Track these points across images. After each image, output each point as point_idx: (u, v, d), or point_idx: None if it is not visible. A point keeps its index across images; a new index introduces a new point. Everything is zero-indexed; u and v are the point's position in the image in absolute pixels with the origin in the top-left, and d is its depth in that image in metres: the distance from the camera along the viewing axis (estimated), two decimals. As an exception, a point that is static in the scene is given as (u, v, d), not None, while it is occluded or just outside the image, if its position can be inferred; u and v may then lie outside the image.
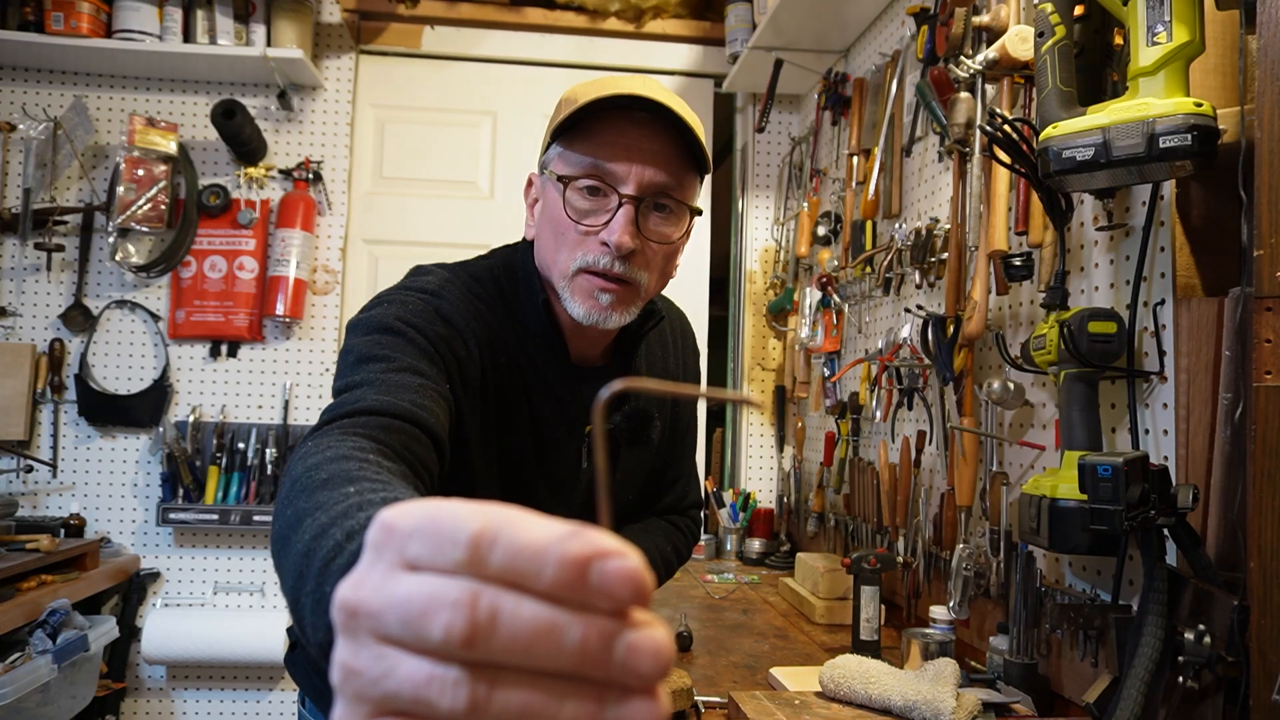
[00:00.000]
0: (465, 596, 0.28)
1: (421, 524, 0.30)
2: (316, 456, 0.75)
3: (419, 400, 0.88)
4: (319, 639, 0.59)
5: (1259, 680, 0.88)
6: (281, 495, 0.75)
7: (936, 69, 1.59)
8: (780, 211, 2.89)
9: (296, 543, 0.65)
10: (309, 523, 0.65)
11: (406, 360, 0.93)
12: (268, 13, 2.60)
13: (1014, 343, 1.50)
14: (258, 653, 2.55)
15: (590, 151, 0.99)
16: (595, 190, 1.00)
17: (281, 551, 0.69)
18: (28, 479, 2.63)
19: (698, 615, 1.94)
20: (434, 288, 1.03)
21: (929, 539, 1.74)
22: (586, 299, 1.02)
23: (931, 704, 1.11)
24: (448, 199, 2.88)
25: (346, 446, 0.77)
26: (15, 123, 2.60)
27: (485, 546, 0.29)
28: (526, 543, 0.29)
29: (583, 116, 0.99)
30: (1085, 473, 1.03)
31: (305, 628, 0.61)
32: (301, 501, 0.69)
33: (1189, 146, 0.99)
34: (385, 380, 0.89)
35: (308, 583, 0.61)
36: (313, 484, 0.70)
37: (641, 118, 1.00)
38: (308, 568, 0.61)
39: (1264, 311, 0.89)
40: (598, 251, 1.00)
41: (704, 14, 2.97)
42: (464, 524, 0.29)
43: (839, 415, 2.23)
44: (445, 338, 0.98)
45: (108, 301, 2.67)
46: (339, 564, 0.58)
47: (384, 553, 0.31)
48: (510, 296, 1.09)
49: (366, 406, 0.84)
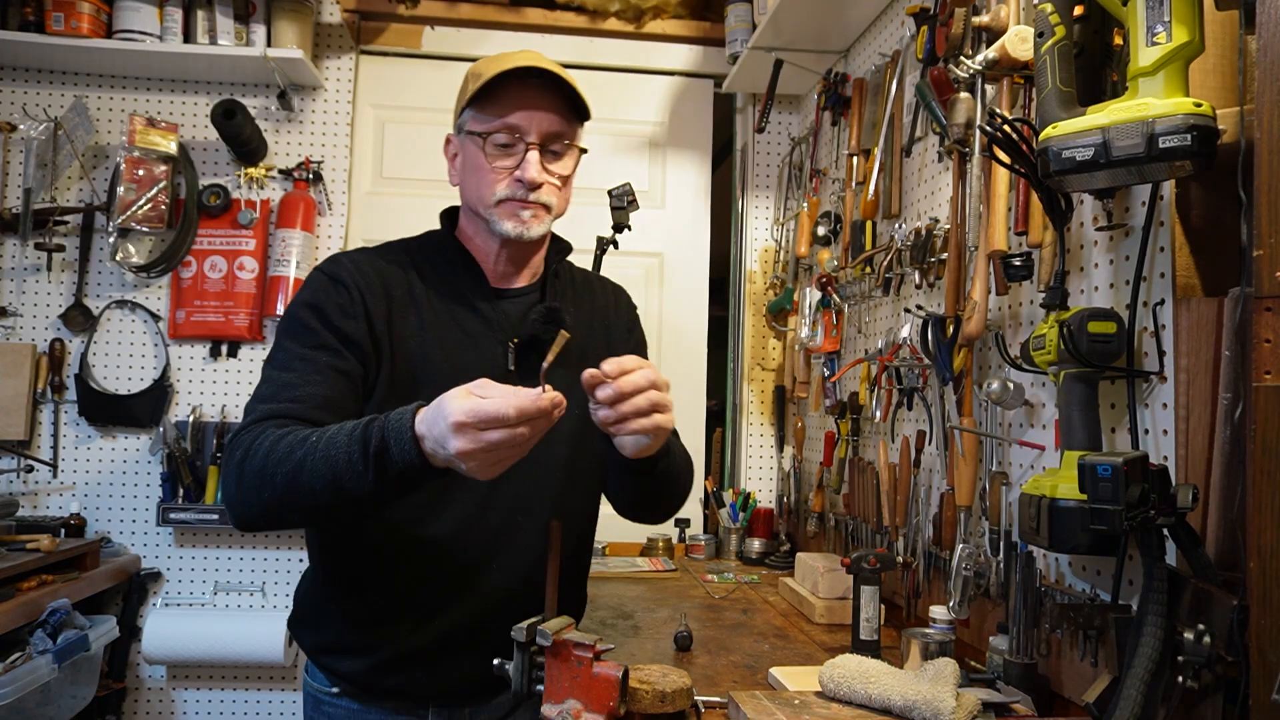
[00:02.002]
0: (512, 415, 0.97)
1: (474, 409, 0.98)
2: (266, 442, 1.13)
3: (310, 393, 1.22)
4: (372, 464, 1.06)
5: (1259, 680, 0.88)
6: (257, 469, 1.13)
7: (936, 69, 1.59)
8: (780, 211, 2.89)
9: (317, 457, 1.09)
10: (316, 451, 1.09)
11: (295, 358, 1.26)
12: (268, 13, 2.60)
13: (1014, 343, 1.50)
14: (258, 652, 2.55)
15: (499, 113, 1.30)
16: (506, 143, 1.31)
17: (295, 478, 1.10)
18: (28, 479, 2.63)
19: (698, 615, 1.94)
20: (339, 257, 1.38)
21: (929, 539, 1.74)
22: (511, 218, 1.33)
23: (931, 704, 1.11)
24: (448, 199, 2.86)
25: (280, 432, 1.15)
26: (16, 123, 2.60)
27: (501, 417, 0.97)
28: (515, 406, 0.99)
29: (491, 88, 1.30)
30: (1085, 473, 1.03)
31: (360, 460, 1.06)
32: (292, 458, 1.11)
33: (1189, 146, 0.99)
34: (290, 390, 1.23)
35: (349, 448, 1.07)
36: (288, 449, 1.11)
37: (534, 83, 1.31)
38: (349, 448, 1.07)
39: (1263, 311, 0.89)
40: (514, 186, 1.32)
41: (704, 14, 2.97)
42: (495, 408, 0.98)
43: (839, 415, 2.23)
44: (340, 304, 1.29)
45: (108, 301, 2.67)
46: (359, 435, 1.08)
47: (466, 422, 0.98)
48: (420, 247, 1.43)
49: (276, 410, 1.20)
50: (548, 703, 1.02)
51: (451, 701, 1.37)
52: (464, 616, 1.33)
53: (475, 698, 1.37)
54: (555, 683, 1.02)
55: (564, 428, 1.37)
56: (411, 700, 1.35)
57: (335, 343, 1.27)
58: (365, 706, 1.36)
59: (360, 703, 1.36)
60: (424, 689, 1.35)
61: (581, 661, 1.01)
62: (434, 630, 1.32)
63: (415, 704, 1.36)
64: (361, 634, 1.34)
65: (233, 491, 1.17)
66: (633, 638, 1.74)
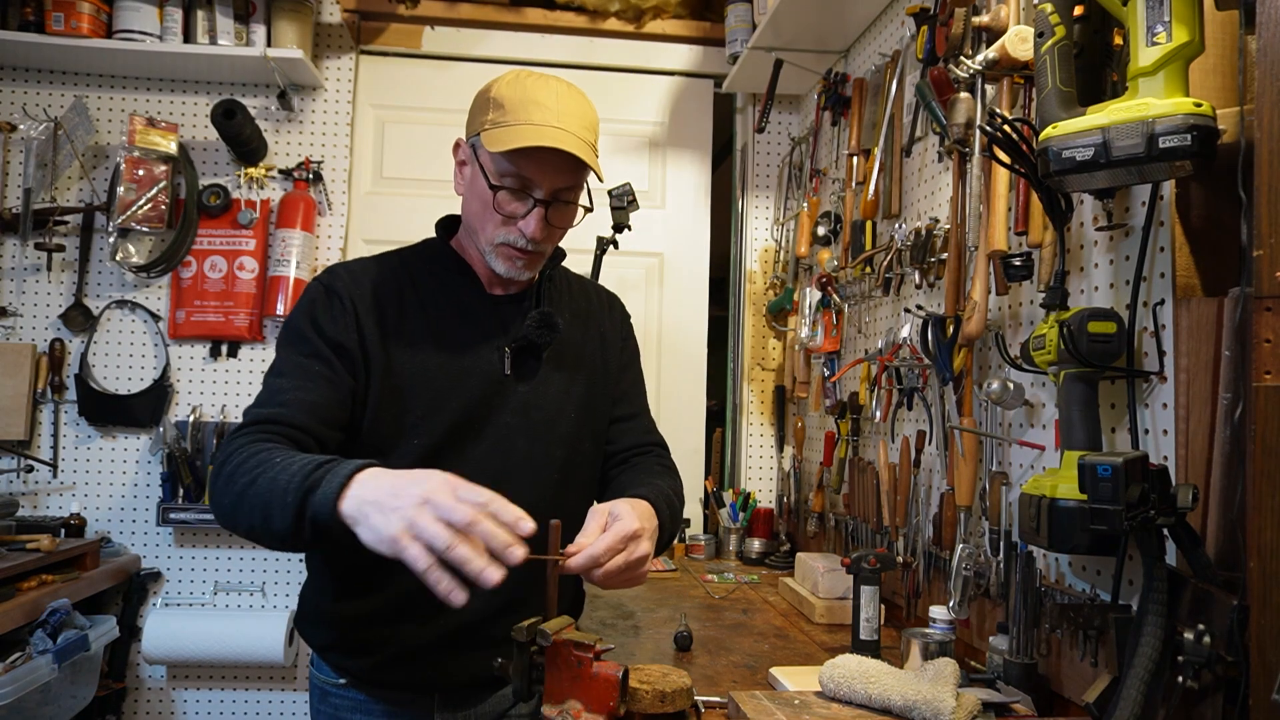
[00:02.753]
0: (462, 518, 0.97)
1: (436, 499, 0.98)
2: (241, 455, 1.16)
3: (286, 400, 1.25)
4: (293, 513, 1.07)
5: (1258, 680, 0.88)
6: (227, 475, 1.15)
7: (936, 69, 1.59)
8: (780, 211, 2.89)
9: (263, 481, 1.10)
10: (268, 474, 1.10)
11: (289, 365, 1.29)
12: (268, 13, 2.60)
13: (1014, 343, 1.50)
14: (258, 652, 2.55)
15: (514, 162, 1.29)
16: (516, 191, 1.31)
17: (243, 494, 1.12)
18: (28, 479, 2.63)
19: (698, 615, 1.94)
20: (335, 268, 1.40)
21: (929, 539, 1.74)
22: (507, 261, 1.35)
23: (931, 704, 1.11)
24: (448, 199, 2.86)
25: (259, 445, 1.18)
26: (16, 123, 2.60)
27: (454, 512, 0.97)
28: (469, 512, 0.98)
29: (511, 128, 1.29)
30: (1085, 473, 1.03)
31: (284, 503, 1.07)
32: (250, 473, 1.13)
33: (1188, 146, 0.99)
34: (280, 395, 1.26)
35: (289, 487, 1.07)
36: (252, 467, 1.14)
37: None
38: (287, 484, 1.08)
39: (1263, 311, 0.90)
40: (515, 234, 1.33)
41: (704, 14, 2.97)
42: (452, 509, 0.98)
43: (839, 415, 2.23)
44: (334, 315, 1.32)
45: (108, 301, 2.67)
46: (318, 476, 1.07)
47: (424, 502, 0.98)
48: (415, 256, 1.44)
49: (264, 415, 1.23)
50: (548, 703, 1.02)
51: (458, 695, 1.39)
52: (470, 615, 1.34)
53: (481, 691, 1.40)
54: (555, 683, 1.02)
55: (561, 430, 1.42)
56: (418, 693, 1.38)
57: (328, 352, 1.29)
58: (372, 697, 1.39)
59: (367, 694, 1.39)
60: (430, 684, 1.37)
61: (581, 661, 1.01)
62: (440, 628, 1.34)
63: (422, 696, 1.38)
64: (368, 632, 1.35)
65: (212, 494, 1.21)
66: (633, 638, 1.74)
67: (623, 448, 1.52)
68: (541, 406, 1.40)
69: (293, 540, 1.10)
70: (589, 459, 1.47)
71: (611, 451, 1.51)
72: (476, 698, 1.41)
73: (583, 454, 1.45)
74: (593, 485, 1.50)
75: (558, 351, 1.43)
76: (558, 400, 1.42)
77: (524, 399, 1.39)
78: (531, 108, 1.29)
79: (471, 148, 1.36)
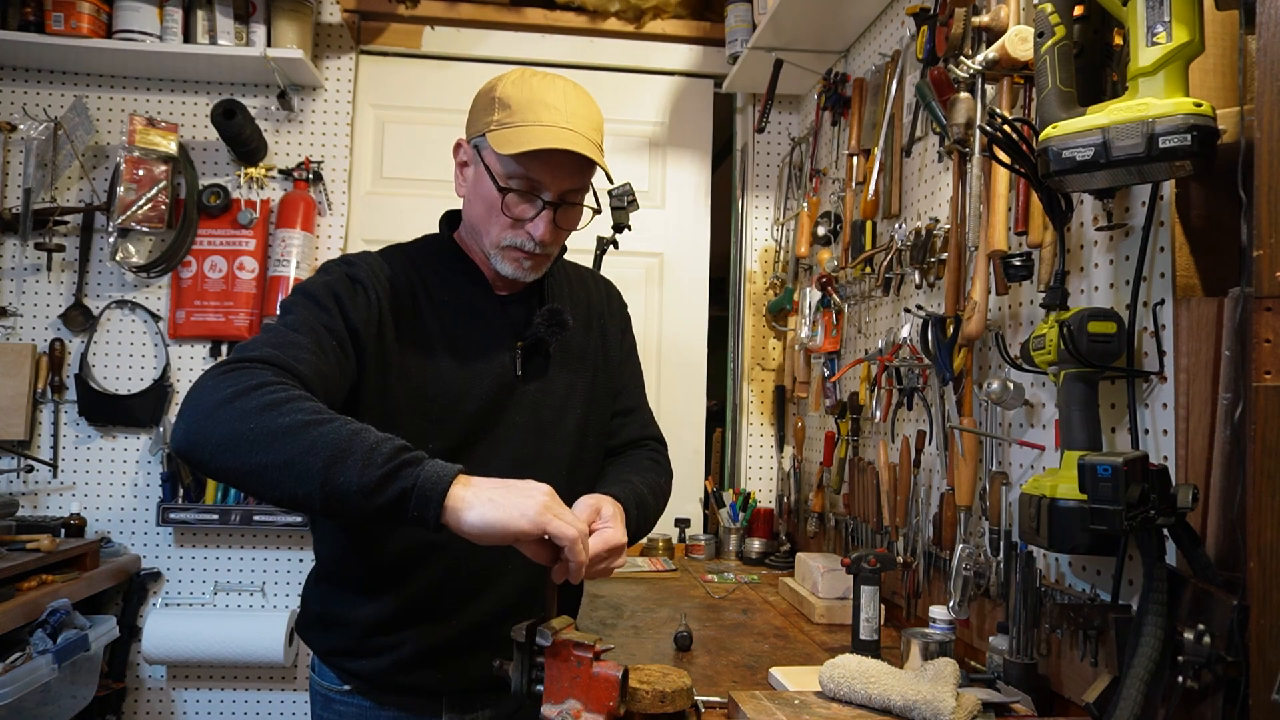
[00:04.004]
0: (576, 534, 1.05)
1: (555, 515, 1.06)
2: (280, 390, 1.06)
3: (302, 357, 1.17)
4: (375, 475, 1.01)
5: (1258, 680, 0.88)
6: (263, 403, 1.04)
7: (936, 69, 1.59)
8: (780, 211, 2.89)
9: (333, 429, 1.02)
10: (335, 424, 1.03)
11: (307, 325, 1.22)
12: (268, 13, 2.60)
13: (1014, 343, 1.50)
14: (258, 652, 2.55)
15: (523, 163, 1.26)
16: (524, 193, 1.29)
17: (293, 431, 1.02)
18: (28, 479, 2.63)
19: (698, 615, 1.94)
20: (353, 259, 1.36)
21: (929, 539, 1.74)
22: (514, 263, 1.33)
23: (931, 704, 1.11)
24: (448, 199, 2.86)
25: (297, 390, 1.09)
26: (15, 123, 2.60)
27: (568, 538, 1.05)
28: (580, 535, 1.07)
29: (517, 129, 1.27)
30: (1085, 473, 1.03)
31: (354, 467, 1.00)
32: (306, 413, 1.04)
33: (1189, 146, 0.99)
34: (298, 350, 1.18)
35: (379, 449, 1.02)
36: (308, 408, 1.05)
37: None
38: (375, 444, 1.02)
39: (1263, 311, 0.90)
40: (523, 238, 1.31)
41: (704, 14, 2.97)
42: (564, 527, 1.05)
43: (839, 415, 2.23)
44: (357, 303, 1.28)
45: (108, 301, 2.67)
46: (385, 450, 1.02)
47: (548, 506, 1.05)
48: (421, 253, 1.42)
49: (281, 359, 1.14)
50: (548, 703, 1.02)
51: (466, 698, 1.38)
52: (482, 615, 1.34)
53: (489, 694, 1.39)
54: (555, 683, 1.02)
55: (568, 427, 1.42)
56: (426, 697, 1.36)
57: (344, 333, 1.26)
58: (378, 704, 1.36)
59: (373, 700, 1.37)
60: (439, 686, 1.36)
61: (581, 661, 1.01)
62: (452, 630, 1.34)
63: (430, 700, 1.37)
64: (379, 636, 1.33)
65: (205, 404, 1.05)
66: (633, 638, 1.74)
67: (622, 442, 1.52)
68: (549, 405, 1.40)
69: (347, 500, 0.99)
70: (593, 454, 1.48)
71: (611, 446, 1.52)
72: (483, 700, 1.39)
73: (587, 449, 1.46)
74: (596, 479, 1.49)
75: (562, 348, 1.43)
76: (564, 397, 1.43)
77: (533, 398, 1.39)
78: (539, 108, 1.27)
79: (475, 149, 1.34)
